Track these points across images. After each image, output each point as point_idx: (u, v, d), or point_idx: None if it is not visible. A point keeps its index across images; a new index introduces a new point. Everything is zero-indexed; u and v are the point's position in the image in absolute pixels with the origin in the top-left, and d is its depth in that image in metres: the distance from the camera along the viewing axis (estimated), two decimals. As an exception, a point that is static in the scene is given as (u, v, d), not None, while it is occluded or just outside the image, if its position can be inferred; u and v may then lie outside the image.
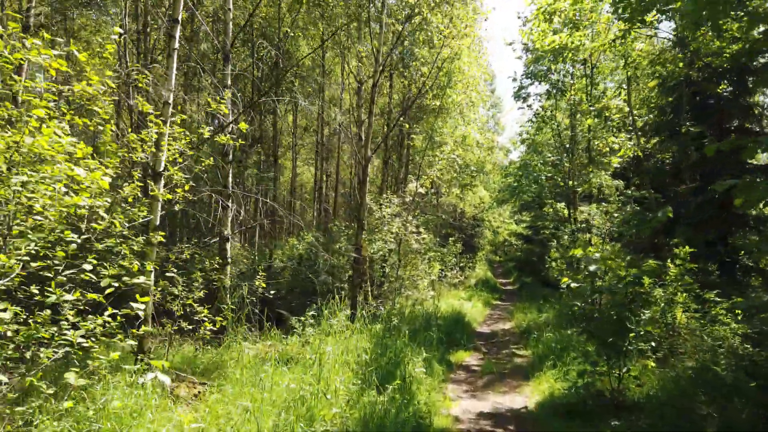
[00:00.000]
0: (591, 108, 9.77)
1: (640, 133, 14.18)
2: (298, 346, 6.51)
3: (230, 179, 8.05)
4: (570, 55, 13.30)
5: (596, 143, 14.07)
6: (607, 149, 14.18)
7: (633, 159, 17.22)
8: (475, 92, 15.54)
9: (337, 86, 19.01)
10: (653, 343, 6.94)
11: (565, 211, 14.86)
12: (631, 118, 11.57)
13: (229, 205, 8.00)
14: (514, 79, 14.20)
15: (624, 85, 14.48)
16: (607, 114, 9.57)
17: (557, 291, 18.93)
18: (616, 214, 11.95)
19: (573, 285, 6.48)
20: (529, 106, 14.84)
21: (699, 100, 14.11)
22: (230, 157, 8.04)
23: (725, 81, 14.42)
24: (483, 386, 7.38)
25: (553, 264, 16.30)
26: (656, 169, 15.29)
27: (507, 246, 40.85)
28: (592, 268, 5.88)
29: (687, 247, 8.38)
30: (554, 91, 14.01)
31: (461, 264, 23.94)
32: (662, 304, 8.24)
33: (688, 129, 9.90)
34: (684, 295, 8.72)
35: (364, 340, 6.84)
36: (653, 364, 7.19)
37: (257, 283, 7.29)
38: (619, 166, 14.15)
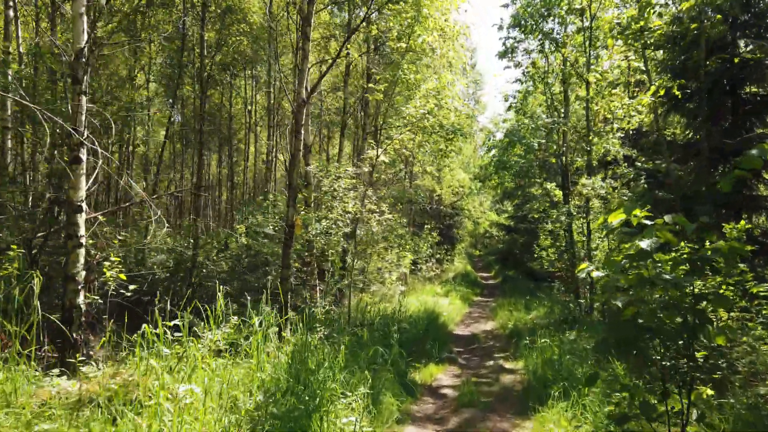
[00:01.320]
0: (616, 22, 7.37)
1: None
2: (159, 376, 3.87)
3: (83, 117, 5.34)
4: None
5: (595, 108, 11.71)
6: (610, 115, 11.84)
7: (634, 133, 14.98)
8: (453, 51, 13.03)
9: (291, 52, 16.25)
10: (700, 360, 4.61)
11: (558, 192, 12.48)
12: (647, 77, 9.25)
13: (82, 156, 5.30)
14: (500, 27, 11.73)
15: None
16: (635, 25, 7.08)
17: (546, 284, 16.69)
18: (624, 191, 9.63)
19: (595, 274, 4.02)
20: (518, 64, 12.38)
21: (710, 65, 11.91)
22: (83, 83, 5.33)
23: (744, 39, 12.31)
24: (458, 427, 4.88)
25: (543, 253, 13.96)
26: (666, 142, 13.08)
27: (488, 238, 38.68)
28: (644, 243, 3.40)
29: (743, 222, 6.06)
30: (548, 43, 11.56)
31: (438, 256, 21.53)
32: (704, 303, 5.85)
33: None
34: (731, 289, 6.44)
35: (273, 363, 4.26)
36: (710, 392, 4.80)
37: (108, 274, 4.63)
38: (623, 135, 11.85)
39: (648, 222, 3.67)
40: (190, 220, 11.07)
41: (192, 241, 10.34)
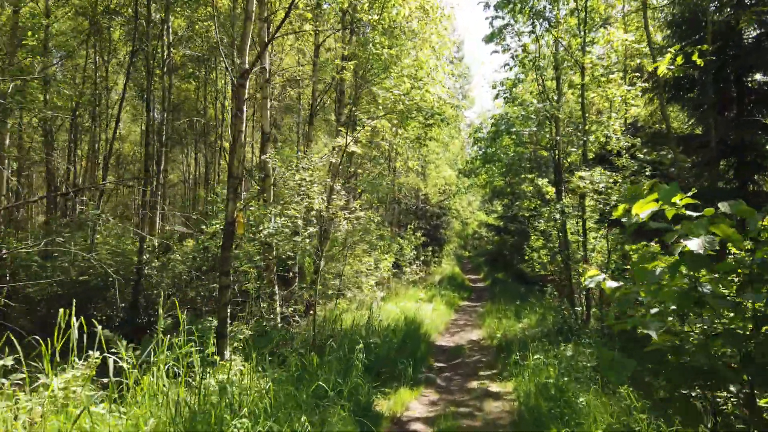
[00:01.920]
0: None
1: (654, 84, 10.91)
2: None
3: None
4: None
5: (591, 95, 10.66)
6: (606, 104, 10.79)
7: (630, 126, 13.98)
8: (436, 35, 11.90)
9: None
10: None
11: (551, 189, 11.40)
12: (651, 57, 8.16)
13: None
14: (487, 5, 10.61)
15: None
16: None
17: (537, 288, 15.61)
18: (625, 186, 8.54)
19: (609, 285, 2.90)
20: (506, 48, 11.28)
21: (716, 48, 10.94)
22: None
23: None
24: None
25: (534, 255, 12.88)
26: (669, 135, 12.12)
27: (477, 239, 37.66)
28: (694, 243, 2.26)
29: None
30: (539, 24, 10.48)
31: (423, 258, 20.39)
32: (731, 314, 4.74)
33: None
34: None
35: (167, 412, 3.05)
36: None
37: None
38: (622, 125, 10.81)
39: (692, 213, 2.54)
40: (140, 220, 9.78)
41: (138, 243, 9.10)
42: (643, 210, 2.61)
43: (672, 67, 5.05)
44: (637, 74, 10.72)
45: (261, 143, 8.23)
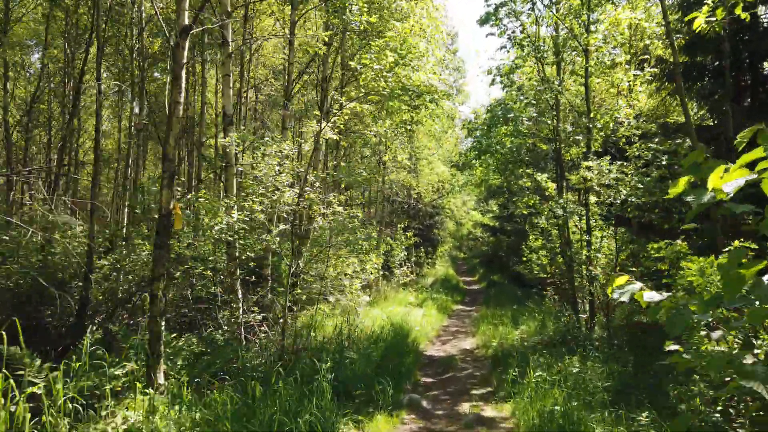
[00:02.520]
0: None
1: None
2: None
3: None
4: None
5: (596, 81, 9.71)
6: (613, 90, 9.84)
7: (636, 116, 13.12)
8: (428, 17, 10.94)
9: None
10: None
11: (551, 184, 10.41)
12: (667, 38, 7.18)
13: None
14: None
15: None
16: None
17: (535, 291, 14.64)
18: (636, 178, 7.56)
19: (646, 299, 1.99)
20: (503, 31, 10.33)
21: (730, 32, 10.07)
22: None
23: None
24: None
25: (533, 256, 11.90)
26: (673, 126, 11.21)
27: (472, 240, 36.71)
28: None
29: None
30: (539, 3, 9.52)
31: (415, 259, 19.39)
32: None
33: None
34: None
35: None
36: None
37: None
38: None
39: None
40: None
41: (87, 243, 8.04)
42: (728, 180, 1.62)
43: (713, 19, 4.09)
44: (645, 56, 9.78)
45: (223, 127, 7.21)
